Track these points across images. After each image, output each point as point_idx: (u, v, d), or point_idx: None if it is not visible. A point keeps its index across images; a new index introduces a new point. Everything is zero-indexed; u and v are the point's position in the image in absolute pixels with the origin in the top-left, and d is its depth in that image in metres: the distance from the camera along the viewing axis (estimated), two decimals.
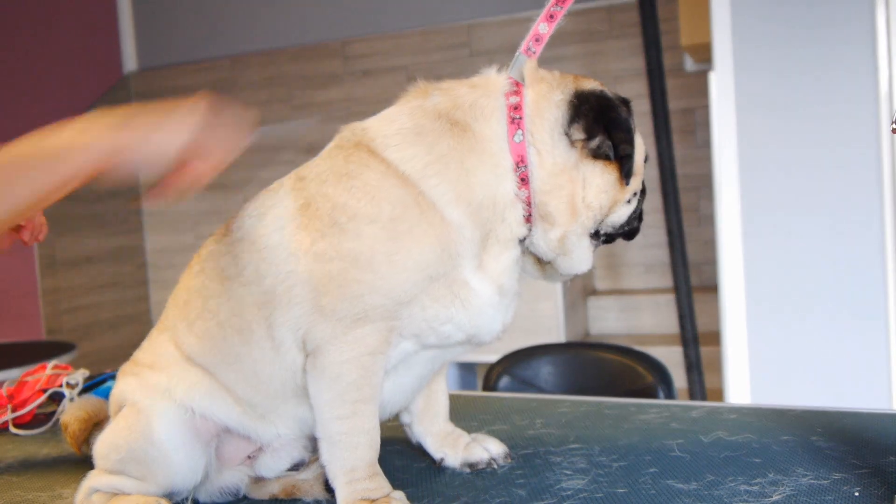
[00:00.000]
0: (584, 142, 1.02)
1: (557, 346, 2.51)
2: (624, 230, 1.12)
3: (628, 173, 1.04)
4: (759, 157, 2.69)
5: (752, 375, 2.72)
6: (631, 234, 1.14)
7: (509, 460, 1.19)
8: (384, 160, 1.00)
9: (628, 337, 4.49)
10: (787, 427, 1.25)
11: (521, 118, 1.02)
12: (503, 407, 1.52)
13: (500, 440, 1.22)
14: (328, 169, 1.02)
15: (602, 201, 1.04)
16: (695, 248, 4.31)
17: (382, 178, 0.99)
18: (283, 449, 1.12)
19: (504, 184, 1.01)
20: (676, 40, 3.56)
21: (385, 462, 1.08)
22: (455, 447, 1.19)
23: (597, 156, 1.03)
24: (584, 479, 1.09)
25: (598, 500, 1.02)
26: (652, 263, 4.75)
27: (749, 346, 2.72)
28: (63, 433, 1.30)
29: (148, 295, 5.82)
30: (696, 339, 3.46)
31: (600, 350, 2.29)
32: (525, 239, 1.05)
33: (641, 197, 1.12)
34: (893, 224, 2.55)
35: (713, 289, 3.15)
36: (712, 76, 2.71)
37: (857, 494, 0.97)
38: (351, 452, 1.01)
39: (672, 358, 3.26)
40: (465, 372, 4.65)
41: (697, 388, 3.44)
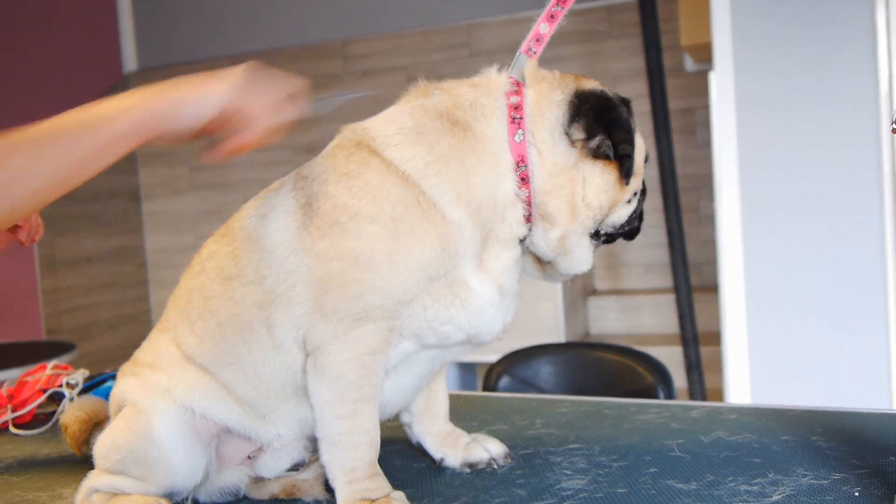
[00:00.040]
0: (585, 141, 1.02)
1: (557, 346, 2.51)
2: (624, 230, 1.12)
3: (628, 173, 1.04)
4: (759, 157, 2.69)
5: (752, 375, 2.72)
6: (631, 234, 1.14)
7: (509, 460, 1.19)
8: (385, 160, 1.00)
9: (628, 337, 4.49)
10: (787, 427, 1.25)
11: (521, 118, 1.02)
12: (503, 407, 1.52)
13: (500, 440, 1.22)
14: (329, 168, 1.02)
15: (602, 201, 1.04)
16: (695, 248, 4.31)
17: (383, 177, 0.99)
18: (283, 449, 1.12)
19: (504, 183, 1.01)
20: (676, 40, 3.56)
21: (385, 462, 1.08)
22: (455, 447, 1.19)
23: (597, 155, 1.03)
24: (584, 479, 1.09)
25: (598, 500, 1.02)
26: (652, 263, 4.75)
27: (749, 346, 2.72)
28: (63, 434, 1.30)
29: (148, 295, 5.82)
30: (696, 339, 3.46)
31: (600, 350, 2.29)
32: (525, 238, 1.05)
33: (642, 197, 1.12)
34: (893, 224, 2.55)
35: (713, 289, 3.15)
36: (712, 76, 2.71)
37: (857, 494, 0.97)
38: (351, 452, 1.01)
39: (672, 358, 3.26)
40: (465, 372, 4.64)
41: (697, 388, 3.44)
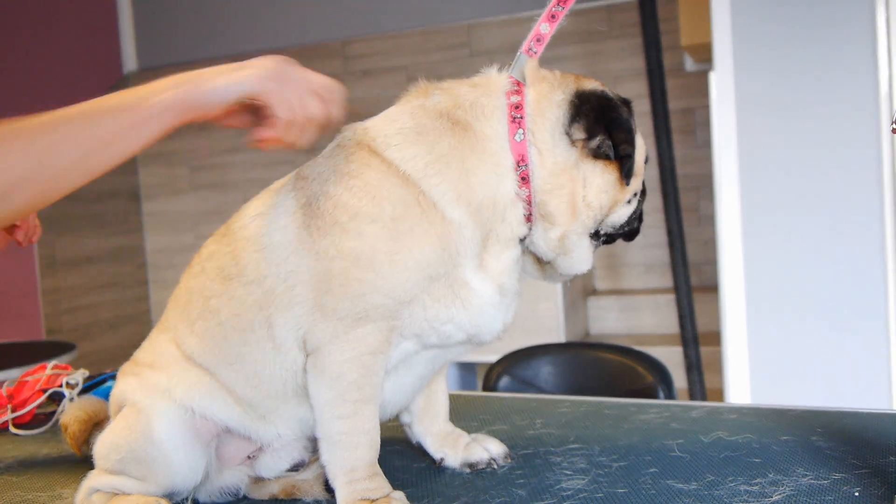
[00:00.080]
0: (585, 141, 1.02)
1: (557, 346, 2.51)
2: (624, 230, 1.12)
3: (629, 173, 1.04)
4: (759, 157, 2.68)
5: (752, 375, 2.72)
6: (631, 235, 1.14)
7: (509, 460, 1.19)
8: (385, 160, 1.00)
9: (628, 337, 4.49)
10: (787, 427, 1.25)
11: (522, 117, 1.02)
12: (503, 407, 1.52)
13: (500, 440, 1.22)
14: (330, 168, 1.02)
15: (602, 201, 1.04)
16: (695, 248, 4.31)
17: (384, 177, 0.99)
18: (283, 449, 1.12)
19: (505, 183, 1.01)
20: (676, 40, 3.55)
21: (385, 462, 1.08)
22: (455, 447, 1.19)
23: (597, 155, 1.03)
24: (584, 479, 1.09)
25: (598, 500, 1.02)
26: (652, 263, 4.75)
27: (749, 346, 2.72)
28: (63, 434, 1.30)
29: (148, 295, 5.82)
30: (696, 339, 3.46)
31: (600, 350, 2.29)
32: (525, 238, 1.05)
33: (642, 198, 1.13)
34: (893, 224, 2.55)
35: (713, 289, 3.15)
36: (712, 76, 2.71)
37: (857, 494, 0.97)
38: (351, 452, 1.01)
39: (672, 358, 3.26)
40: (465, 372, 4.64)
41: (697, 388, 3.43)
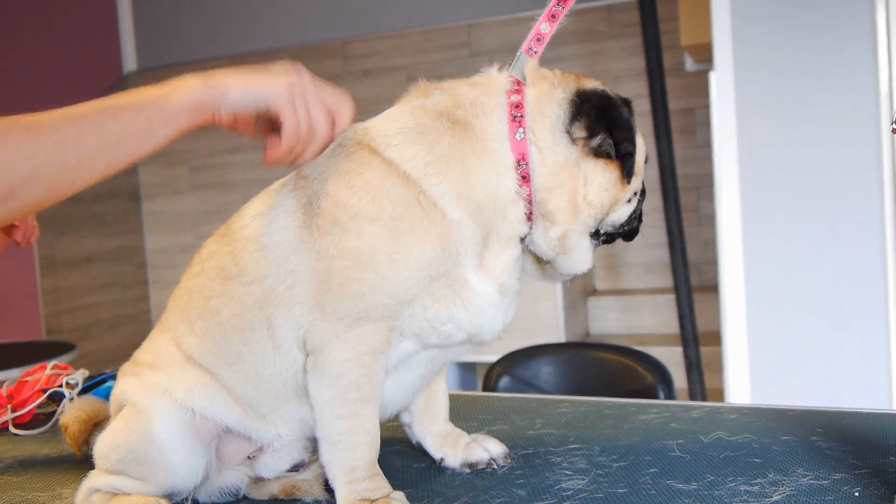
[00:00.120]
0: (586, 140, 1.02)
1: (557, 346, 2.51)
2: (624, 230, 1.12)
3: (630, 172, 1.04)
4: (759, 157, 2.69)
5: (752, 375, 2.72)
6: (631, 235, 1.14)
7: (509, 460, 1.19)
8: (385, 159, 1.00)
9: (628, 337, 4.49)
10: (787, 427, 1.25)
11: (522, 116, 1.02)
12: (503, 407, 1.52)
13: (500, 440, 1.22)
14: (330, 167, 1.02)
15: (603, 199, 1.04)
16: (695, 248, 4.31)
17: (384, 177, 0.99)
18: (283, 449, 1.12)
19: (505, 182, 1.01)
20: (676, 40, 3.56)
21: (385, 462, 1.08)
22: (455, 447, 1.19)
23: (598, 154, 1.03)
24: (584, 480, 1.09)
25: (598, 500, 1.02)
26: (652, 263, 4.75)
27: (749, 346, 2.72)
28: (63, 434, 1.30)
29: (148, 295, 5.82)
30: (696, 339, 3.46)
31: (600, 350, 2.29)
32: (525, 237, 1.05)
33: (641, 197, 1.13)
34: (893, 224, 2.55)
35: (713, 289, 3.15)
36: (712, 76, 2.71)
37: (857, 494, 0.97)
38: (351, 452, 1.01)
39: (672, 358, 3.26)
40: (465, 372, 4.64)
41: (697, 388, 3.43)
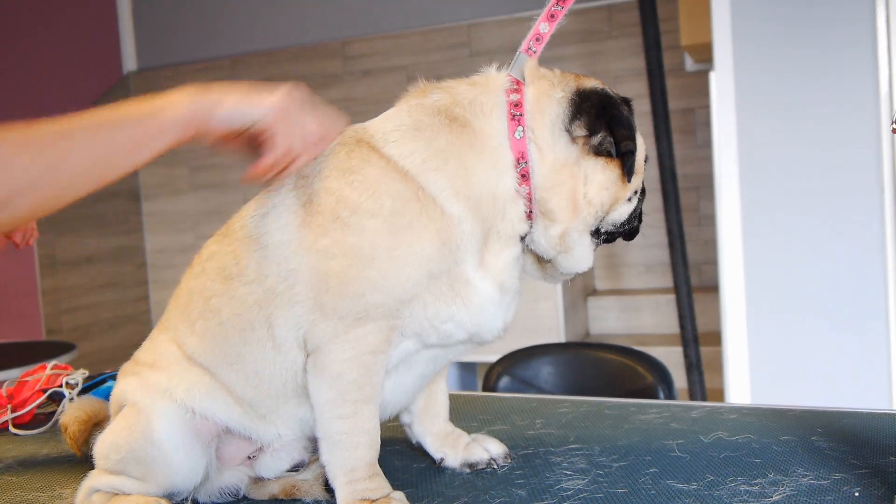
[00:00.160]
0: (586, 138, 1.02)
1: (557, 346, 2.51)
2: (624, 229, 1.12)
3: (630, 170, 1.04)
4: (759, 157, 2.68)
5: (752, 375, 2.72)
6: (631, 234, 1.14)
7: (509, 460, 1.19)
8: (384, 155, 1.00)
9: (628, 337, 4.49)
10: (787, 427, 1.25)
11: (521, 115, 1.02)
12: (503, 407, 1.52)
13: (500, 440, 1.22)
14: (330, 166, 1.03)
15: (603, 198, 1.04)
16: (695, 248, 4.31)
17: (383, 173, 0.99)
18: (283, 449, 1.12)
19: (504, 180, 1.01)
20: (676, 40, 3.56)
21: (385, 462, 1.08)
22: (455, 447, 1.19)
23: (598, 153, 1.03)
24: (584, 480, 1.09)
25: (598, 500, 1.02)
26: (652, 263, 4.75)
27: (749, 346, 2.72)
28: (63, 434, 1.30)
29: (148, 295, 5.82)
30: (696, 339, 3.46)
31: (600, 350, 2.29)
32: (526, 236, 1.05)
33: (641, 196, 1.13)
34: (893, 224, 2.55)
35: (713, 289, 3.15)
36: (712, 76, 2.71)
37: (857, 494, 0.97)
38: (351, 452, 1.01)
39: (672, 358, 3.26)
40: (465, 372, 4.64)
41: (697, 388, 3.43)
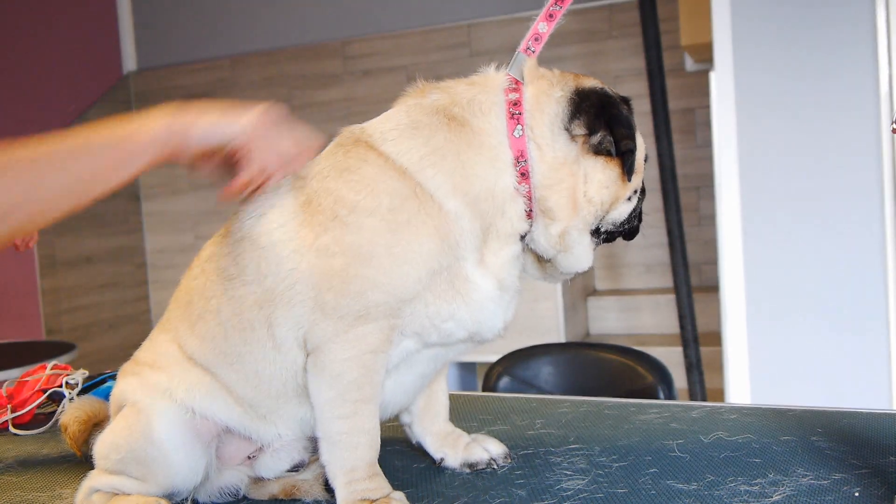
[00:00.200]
0: (586, 137, 1.03)
1: (557, 346, 2.51)
2: (624, 228, 1.12)
3: (630, 169, 1.04)
4: (759, 157, 2.68)
5: (752, 375, 2.72)
6: (631, 234, 1.14)
7: (509, 461, 1.19)
8: (382, 153, 1.01)
9: (628, 337, 4.49)
10: (787, 427, 1.25)
11: (520, 114, 1.02)
12: (503, 407, 1.52)
13: (500, 440, 1.22)
14: (329, 166, 1.03)
15: (603, 197, 1.04)
16: (695, 248, 4.31)
17: (380, 171, 1.00)
18: (283, 450, 1.12)
19: (503, 178, 1.01)
20: (676, 40, 3.55)
21: (385, 462, 1.08)
22: (455, 447, 1.19)
23: (598, 152, 1.03)
24: (584, 480, 1.09)
25: (598, 500, 1.02)
26: (652, 263, 4.75)
27: (749, 347, 2.72)
28: (63, 434, 1.30)
29: (148, 295, 5.82)
30: (696, 339, 3.46)
31: (600, 350, 2.29)
32: (526, 235, 1.05)
33: (641, 196, 1.13)
34: (893, 224, 2.55)
35: (713, 289, 3.15)
36: (713, 76, 2.71)
37: (857, 494, 0.97)
38: (351, 452, 1.01)
39: (672, 358, 3.26)
40: (465, 372, 4.64)
41: (697, 388, 3.43)
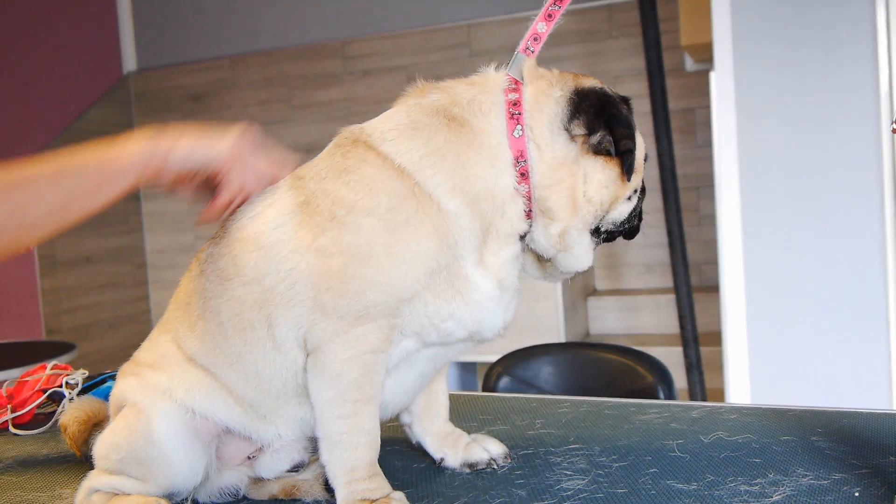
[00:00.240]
0: (586, 137, 1.03)
1: (557, 346, 2.51)
2: (624, 228, 1.12)
3: (630, 168, 1.04)
4: (759, 157, 2.69)
5: (752, 375, 2.72)
6: (631, 233, 1.14)
7: (509, 461, 1.19)
8: (381, 153, 1.01)
9: (628, 337, 4.49)
10: (787, 427, 1.25)
11: (520, 114, 1.02)
12: (503, 407, 1.52)
13: (500, 440, 1.22)
14: (327, 166, 1.03)
15: (603, 196, 1.04)
16: (695, 248, 4.31)
17: (379, 171, 0.99)
18: (283, 450, 1.12)
19: (503, 177, 1.01)
20: (676, 40, 3.56)
21: (385, 462, 1.08)
22: (455, 447, 1.19)
23: (598, 151, 1.03)
24: (584, 480, 1.09)
25: (598, 500, 1.02)
26: (652, 263, 4.76)
27: (749, 347, 2.72)
28: (63, 434, 1.30)
29: (148, 295, 5.82)
30: (696, 339, 3.46)
31: (600, 350, 2.29)
32: (526, 235, 1.05)
33: (641, 195, 1.13)
34: (893, 224, 2.55)
35: (713, 289, 3.15)
36: (713, 76, 2.71)
37: (857, 494, 0.97)
38: (351, 452, 1.01)
39: (672, 358, 3.26)
40: (465, 372, 4.65)
41: (697, 388, 3.44)
